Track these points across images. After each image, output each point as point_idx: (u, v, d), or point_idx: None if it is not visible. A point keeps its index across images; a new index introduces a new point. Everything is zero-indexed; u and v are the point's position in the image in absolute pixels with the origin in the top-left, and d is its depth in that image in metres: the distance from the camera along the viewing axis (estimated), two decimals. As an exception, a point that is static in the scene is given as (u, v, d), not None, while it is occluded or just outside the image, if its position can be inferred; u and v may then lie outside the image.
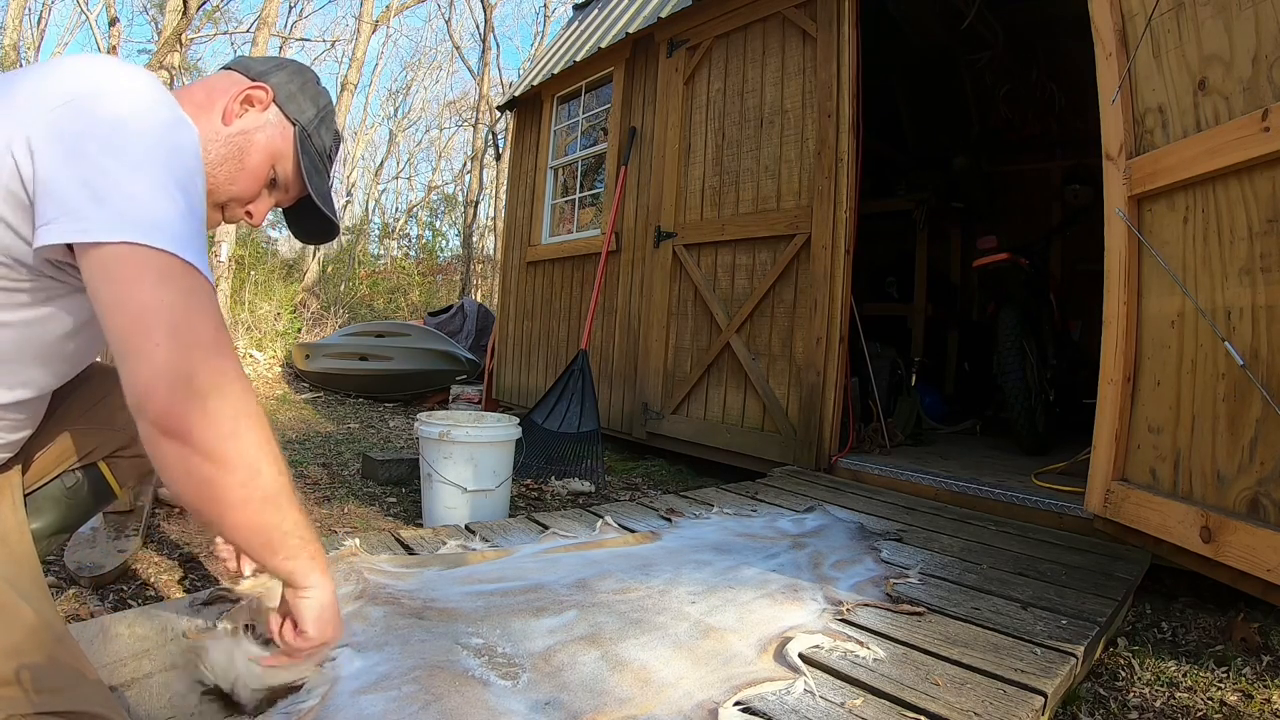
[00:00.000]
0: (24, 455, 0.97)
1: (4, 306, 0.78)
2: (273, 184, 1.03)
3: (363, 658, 1.00)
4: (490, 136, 14.97)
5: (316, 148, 1.06)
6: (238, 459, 0.74)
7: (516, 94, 5.21)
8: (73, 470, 1.12)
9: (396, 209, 20.99)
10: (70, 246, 0.72)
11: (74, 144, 0.72)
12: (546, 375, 4.49)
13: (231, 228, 9.73)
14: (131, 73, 0.80)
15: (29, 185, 0.72)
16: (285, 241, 17.09)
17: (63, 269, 0.78)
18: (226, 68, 1.04)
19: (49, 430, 1.04)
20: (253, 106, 0.99)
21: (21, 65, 9.21)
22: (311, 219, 1.11)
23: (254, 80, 1.00)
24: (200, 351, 0.72)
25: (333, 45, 18.12)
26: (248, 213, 1.04)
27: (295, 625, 0.86)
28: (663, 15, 3.61)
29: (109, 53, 8.90)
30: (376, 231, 18.27)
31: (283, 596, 0.88)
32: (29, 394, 0.88)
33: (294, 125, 1.03)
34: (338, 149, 1.13)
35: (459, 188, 19.31)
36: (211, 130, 0.95)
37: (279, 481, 0.78)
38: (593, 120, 4.51)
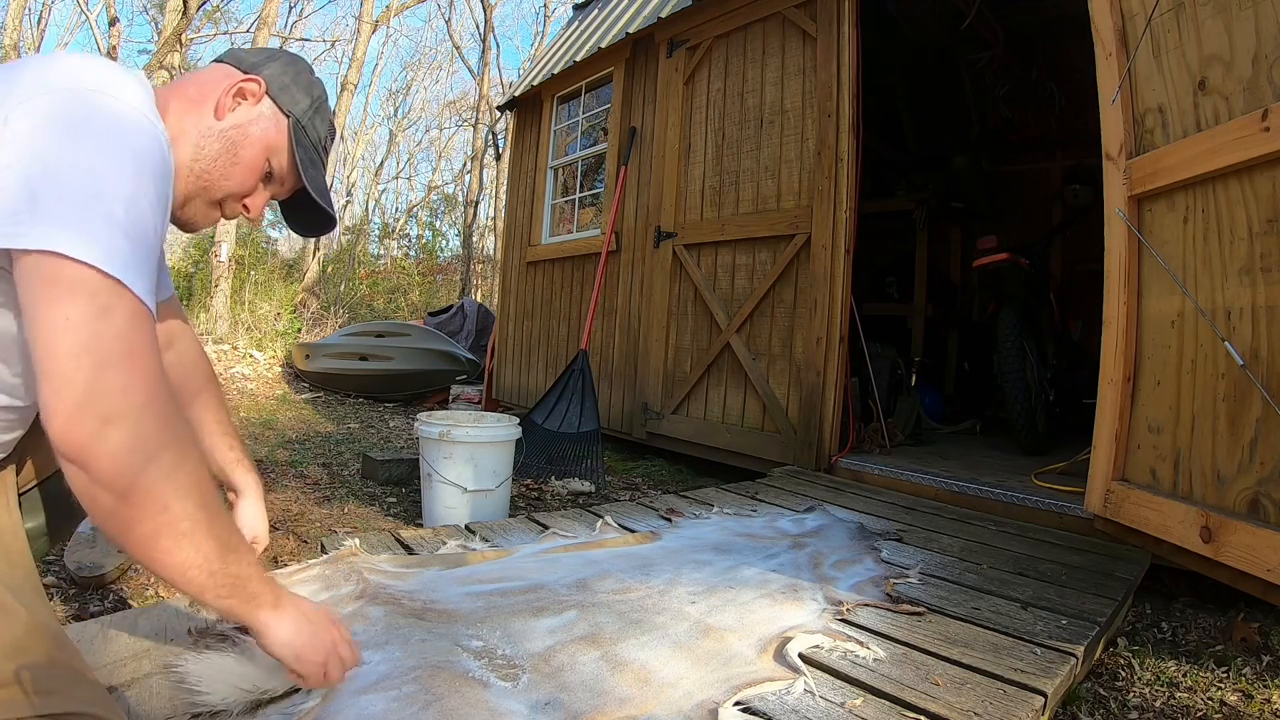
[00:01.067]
0: (18, 455, 0.95)
1: None
2: (268, 177, 1.01)
3: (364, 657, 1.00)
4: (490, 136, 14.98)
5: (311, 139, 1.04)
6: (142, 494, 0.67)
7: (516, 94, 5.22)
8: None
9: (396, 209, 21.02)
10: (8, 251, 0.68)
11: (28, 141, 0.68)
12: (546, 375, 4.49)
13: (232, 227, 9.74)
14: (111, 76, 0.77)
15: None
16: (285, 241, 17.10)
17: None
18: (218, 60, 1.02)
19: (42, 430, 1.03)
20: (245, 100, 0.96)
21: (21, 65, 9.19)
22: (308, 212, 1.08)
23: (246, 73, 0.97)
24: (111, 375, 0.66)
25: (333, 45, 18.13)
26: (244, 207, 1.00)
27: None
28: (663, 15, 3.61)
29: (109, 53, 8.91)
30: (376, 231, 18.28)
31: None
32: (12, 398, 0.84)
33: (288, 117, 1.00)
34: (333, 140, 1.11)
35: (459, 188, 19.32)
36: (204, 126, 0.93)
37: (196, 516, 0.71)
38: (593, 120, 4.51)
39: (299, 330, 9.22)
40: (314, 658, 0.83)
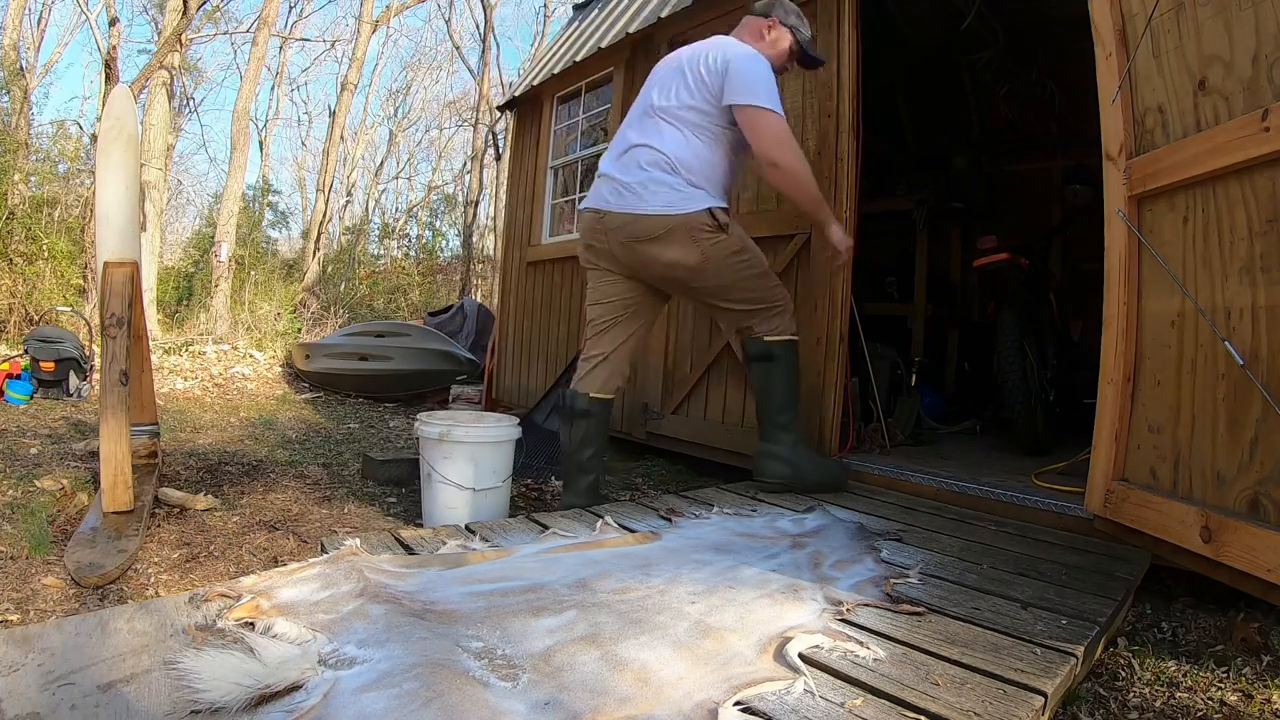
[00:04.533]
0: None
1: (718, 140, 2.21)
2: (789, 60, 2.39)
3: (364, 655, 1.00)
4: (490, 136, 14.98)
5: (803, 37, 2.39)
6: (790, 171, 2.17)
7: (516, 94, 5.21)
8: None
9: (396, 209, 20.98)
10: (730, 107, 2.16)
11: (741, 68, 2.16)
12: (546, 375, 4.48)
13: (231, 229, 9.78)
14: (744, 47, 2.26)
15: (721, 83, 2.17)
16: (285, 242, 17.11)
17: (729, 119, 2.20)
18: (749, 13, 2.43)
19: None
20: (771, 29, 2.37)
21: (21, 65, 9.23)
22: (811, 65, 2.49)
23: (765, 15, 2.38)
24: (785, 135, 2.17)
25: (333, 45, 18.14)
26: (784, 68, 2.39)
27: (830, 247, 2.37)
28: (663, 15, 3.61)
29: (109, 53, 8.92)
30: (376, 231, 18.29)
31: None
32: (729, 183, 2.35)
33: (791, 31, 2.38)
34: (807, 29, 2.43)
35: (459, 188, 19.30)
36: (763, 44, 2.32)
37: (811, 179, 2.24)
38: (593, 120, 4.51)
39: (299, 330, 9.22)
40: (844, 240, 2.37)
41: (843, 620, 1.29)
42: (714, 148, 2.20)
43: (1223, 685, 1.35)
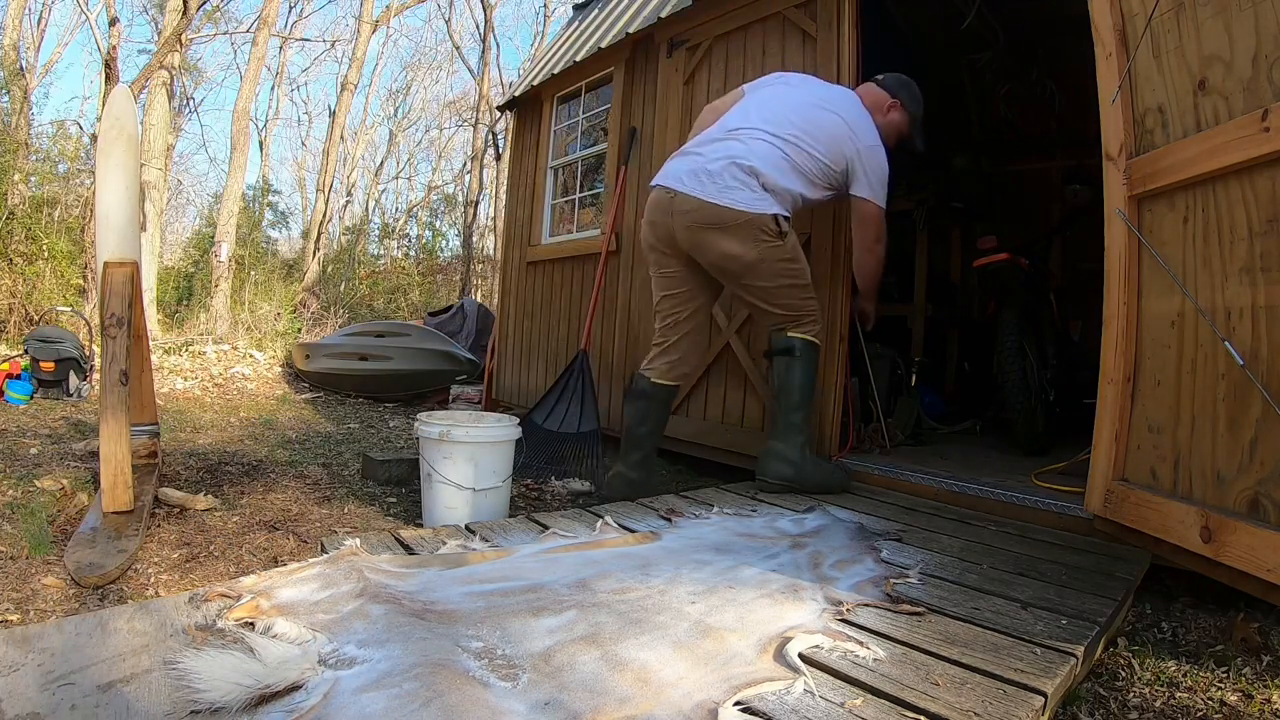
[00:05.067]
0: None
1: (809, 182, 2.40)
2: (898, 138, 2.58)
3: (364, 655, 1.00)
4: (490, 136, 14.98)
5: (916, 126, 2.62)
6: (879, 262, 2.55)
7: (516, 94, 5.21)
8: None
9: (396, 209, 20.98)
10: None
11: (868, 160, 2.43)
12: (546, 375, 4.48)
13: (231, 229, 9.78)
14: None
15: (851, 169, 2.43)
16: (285, 242, 17.11)
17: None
18: (871, 82, 2.63)
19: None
20: (893, 110, 2.57)
21: (21, 65, 9.23)
22: (907, 150, 2.65)
23: (891, 94, 2.57)
24: (879, 238, 2.49)
25: (333, 45, 18.14)
26: (887, 144, 2.49)
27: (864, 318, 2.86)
28: (663, 15, 3.61)
29: (109, 53, 8.92)
30: (376, 231, 18.28)
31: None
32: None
33: (909, 114, 2.59)
34: (921, 111, 2.64)
35: (459, 188, 19.30)
36: (883, 120, 2.52)
37: (882, 268, 2.60)
38: (593, 120, 4.51)
39: (299, 330, 9.23)
40: (870, 319, 2.90)
41: (843, 620, 1.29)
42: (800, 182, 2.39)
43: (1223, 685, 1.35)
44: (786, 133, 2.36)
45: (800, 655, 1.12)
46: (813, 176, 2.40)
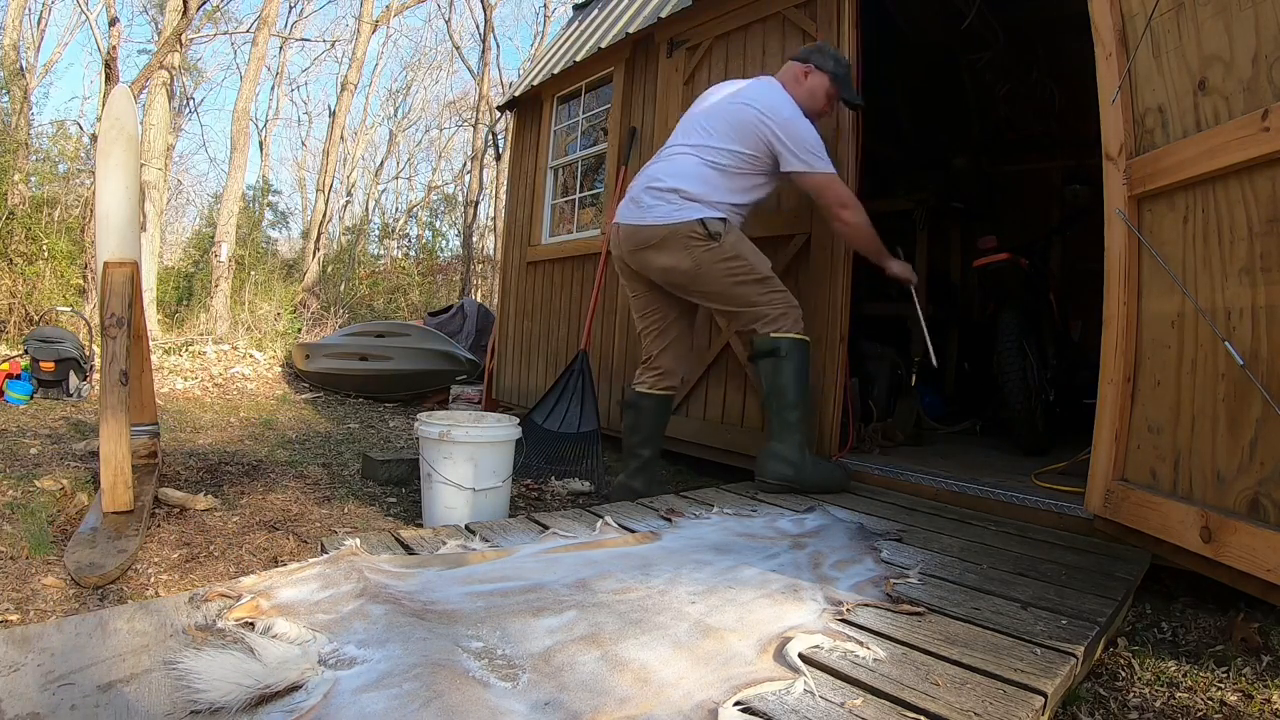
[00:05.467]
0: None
1: (740, 174, 2.44)
2: (828, 104, 2.54)
3: (364, 655, 1.00)
4: (490, 136, 14.98)
5: (841, 80, 2.53)
6: (859, 224, 2.42)
7: (516, 94, 5.21)
8: None
9: (396, 209, 20.96)
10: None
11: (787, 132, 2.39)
12: (546, 375, 4.48)
13: (231, 229, 9.79)
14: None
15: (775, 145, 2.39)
16: (285, 242, 17.11)
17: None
18: (792, 59, 2.56)
19: None
20: (809, 75, 2.50)
21: (21, 65, 9.23)
22: (851, 106, 2.67)
23: (803, 62, 2.51)
24: (841, 203, 2.41)
25: (333, 45, 18.14)
26: (825, 111, 2.55)
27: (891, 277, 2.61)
28: (663, 15, 3.61)
29: (109, 53, 8.93)
30: (376, 231, 18.28)
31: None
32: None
33: (830, 79, 2.49)
34: (847, 68, 2.58)
35: (459, 188, 19.30)
36: (800, 90, 2.48)
37: (870, 229, 2.43)
38: (593, 120, 4.51)
39: (299, 330, 9.23)
40: (905, 272, 2.58)
41: (843, 620, 1.29)
42: (726, 181, 2.43)
43: (1223, 685, 1.35)
44: (699, 140, 2.45)
45: (800, 655, 1.12)
46: (736, 170, 2.42)
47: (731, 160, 2.41)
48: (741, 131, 2.41)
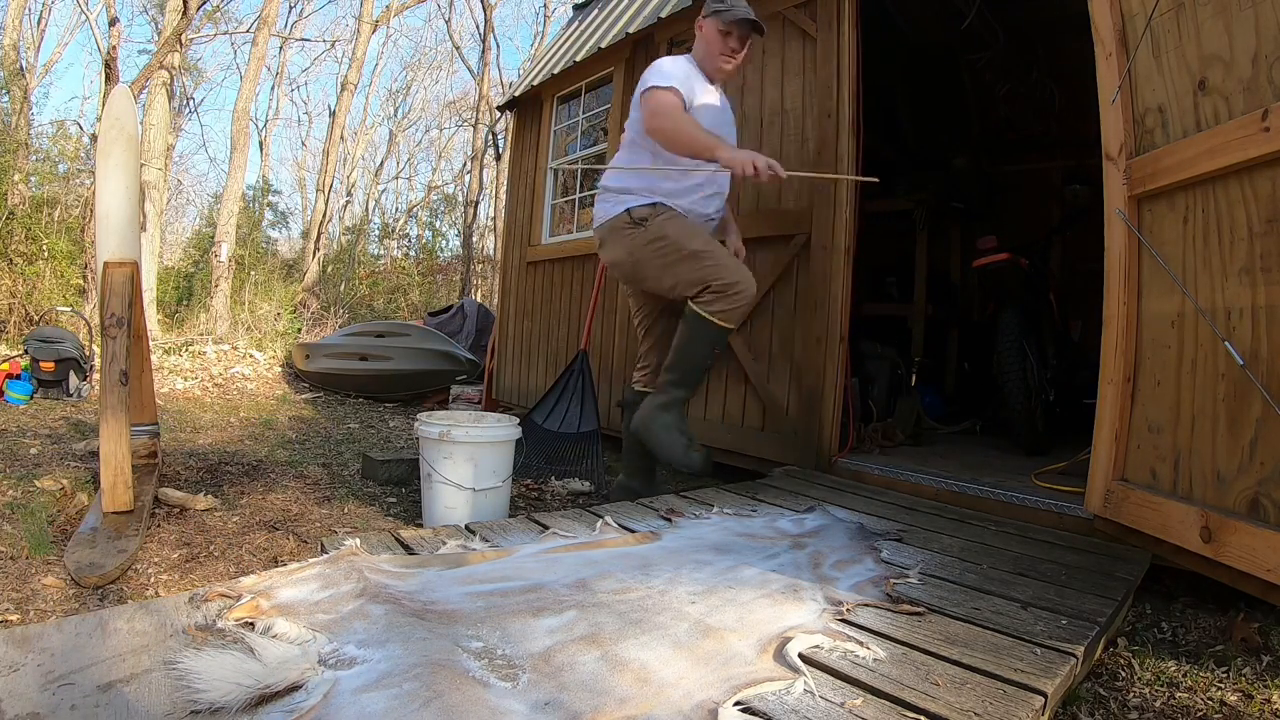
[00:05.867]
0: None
1: (649, 149, 2.33)
2: (725, 43, 2.35)
3: (364, 655, 1.00)
4: (490, 136, 14.98)
5: (723, 10, 2.32)
6: (667, 128, 2.18)
7: (516, 94, 5.21)
8: None
9: (396, 209, 20.95)
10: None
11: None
12: (546, 375, 4.48)
13: (231, 229, 9.79)
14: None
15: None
16: (285, 242, 17.11)
17: None
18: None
19: None
20: (701, 29, 2.39)
21: (21, 65, 9.23)
22: (749, 29, 2.36)
23: (701, 18, 2.39)
24: (652, 113, 2.21)
25: (333, 45, 18.13)
26: (728, 61, 2.38)
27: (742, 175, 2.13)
28: (663, 15, 3.61)
29: (109, 53, 8.92)
30: (376, 231, 18.27)
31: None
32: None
33: (711, 15, 2.35)
34: (724, 3, 2.35)
35: (459, 188, 19.29)
36: (699, 50, 2.41)
37: (686, 130, 2.16)
38: (593, 120, 4.51)
39: (299, 330, 9.23)
40: (749, 163, 2.06)
41: (843, 620, 1.29)
42: (643, 158, 2.38)
43: (1223, 685, 1.35)
44: (624, 137, 2.49)
45: (800, 655, 1.12)
46: (639, 147, 2.37)
47: (638, 137, 2.35)
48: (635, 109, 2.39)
